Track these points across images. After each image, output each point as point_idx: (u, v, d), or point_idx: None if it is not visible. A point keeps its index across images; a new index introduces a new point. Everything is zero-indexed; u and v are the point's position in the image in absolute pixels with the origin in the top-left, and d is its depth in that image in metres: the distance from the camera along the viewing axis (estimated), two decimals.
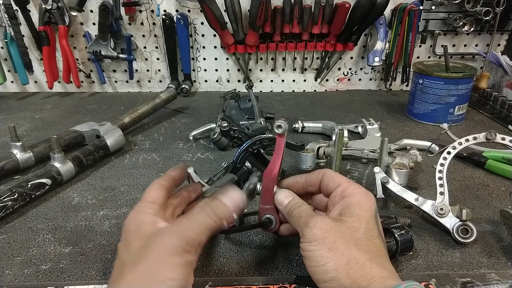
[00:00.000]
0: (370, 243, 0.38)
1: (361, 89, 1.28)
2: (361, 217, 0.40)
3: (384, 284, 0.34)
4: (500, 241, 0.54)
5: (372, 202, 0.42)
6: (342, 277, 0.35)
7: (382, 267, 0.36)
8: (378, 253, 0.38)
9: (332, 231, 0.38)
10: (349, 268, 0.36)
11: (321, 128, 0.91)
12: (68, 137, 0.79)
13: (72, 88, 1.24)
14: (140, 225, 0.39)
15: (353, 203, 0.41)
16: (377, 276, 0.35)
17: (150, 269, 0.34)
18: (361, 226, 0.39)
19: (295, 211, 0.43)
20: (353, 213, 0.40)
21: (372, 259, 0.36)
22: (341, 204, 0.42)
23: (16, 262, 0.50)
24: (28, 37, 1.15)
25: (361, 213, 0.40)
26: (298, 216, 0.42)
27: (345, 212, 0.41)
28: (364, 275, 0.35)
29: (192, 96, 1.22)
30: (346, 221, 0.39)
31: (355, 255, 0.36)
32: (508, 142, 0.52)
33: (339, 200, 0.43)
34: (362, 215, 0.40)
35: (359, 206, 0.41)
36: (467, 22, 1.13)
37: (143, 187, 0.68)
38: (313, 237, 0.38)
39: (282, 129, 0.46)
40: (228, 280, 0.46)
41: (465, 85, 0.93)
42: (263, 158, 0.69)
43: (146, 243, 0.36)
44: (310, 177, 0.48)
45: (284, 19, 1.11)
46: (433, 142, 0.80)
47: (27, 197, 0.61)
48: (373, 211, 0.41)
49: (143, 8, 1.14)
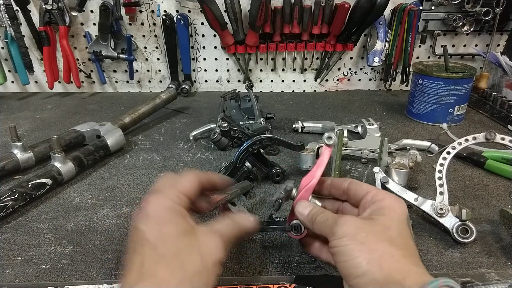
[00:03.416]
0: (404, 241, 0.37)
1: (361, 89, 1.28)
2: (393, 217, 0.39)
3: (420, 279, 0.32)
4: (500, 241, 0.54)
5: (404, 206, 0.41)
6: (376, 270, 0.34)
7: (417, 265, 0.35)
8: (413, 252, 0.37)
9: (363, 227, 0.37)
10: (383, 261, 0.34)
11: (321, 128, 0.91)
12: (68, 137, 0.79)
13: (72, 88, 1.24)
14: (172, 215, 0.37)
15: (385, 206, 0.40)
16: (412, 271, 0.34)
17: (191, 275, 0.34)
18: (393, 225, 0.38)
19: (319, 216, 0.42)
20: (384, 213, 0.39)
21: (407, 256, 0.35)
22: (371, 207, 0.41)
23: (17, 262, 0.50)
24: (28, 37, 1.15)
25: (393, 214, 0.39)
26: (324, 219, 0.41)
27: (376, 213, 0.40)
28: (399, 269, 0.34)
29: (192, 96, 1.22)
30: (377, 219, 0.38)
31: (389, 250, 0.35)
32: (507, 142, 0.52)
33: (369, 205, 0.42)
34: (394, 216, 0.39)
35: (391, 208, 0.40)
36: (467, 22, 1.13)
37: (144, 187, 0.68)
38: (344, 233, 0.37)
39: (332, 140, 0.46)
40: (228, 280, 0.46)
41: (465, 85, 0.93)
42: (263, 158, 0.69)
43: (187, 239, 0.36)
44: (336, 180, 0.47)
45: (284, 19, 1.11)
46: (432, 142, 0.80)
47: (27, 197, 0.61)
48: (404, 215, 0.40)
49: (143, 8, 1.15)
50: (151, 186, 0.69)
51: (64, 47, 1.11)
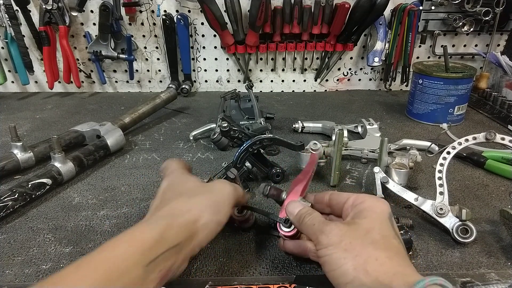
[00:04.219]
0: (388, 242, 0.38)
1: (361, 89, 1.28)
2: (374, 219, 0.40)
3: (407, 280, 0.33)
4: (500, 241, 0.54)
5: (385, 204, 0.42)
6: (363, 276, 0.35)
7: (403, 265, 0.36)
8: (398, 252, 0.37)
9: (347, 234, 0.38)
10: (368, 266, 0.35)
11: (321, 128, 0.91)
12: (68, 137, 0.79)
13: (72, 88, 1.24)
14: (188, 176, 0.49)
15: (365, 207, 0.41)
16: (399, 273, 0.34)
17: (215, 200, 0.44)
18: (375, 226, 0.39)
19: (306, 218, 0.43)
20: (366, 216, 0.40)
21: (392, 258, 0.36)
22: (353, 211, 0.42)
23: (17, 262, 0.50)
24: (28, 37, 1.15)
25: (374, 215, 0.40)
26: (311, 223, 0.42)
27: (358, 216, 0.41)
28: (386, 272, 0.34)
29: (192, 96, 1.22)
30: (359, 223, 0.39)
31: (373, 253, 0.36)
32: (507, 142, 0.52)
33: (351, 209, 0.43)
34: (375, 217, 0.40)
35: (371, 209, 0.41)
36: (467, 22, 1.13)
37: (144, 187, 0.68)
38: (329, 242, 0.38)
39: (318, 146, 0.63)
40: (228, 280, 0.46)
41: (465, 85, 0.93)
42: (263, 158, 0.69)
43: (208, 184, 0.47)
44: (318, 195, 0.49)
45: (284, 19, 1.11)
46: (432, 142, 0.80)
47: (27, 197, 0.61)
48: (386, 214, 0.41)
49: (143, 8, 1.14)
50: (151, 186, 0.69)
51: (64, 47, 1.11)
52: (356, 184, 0.69)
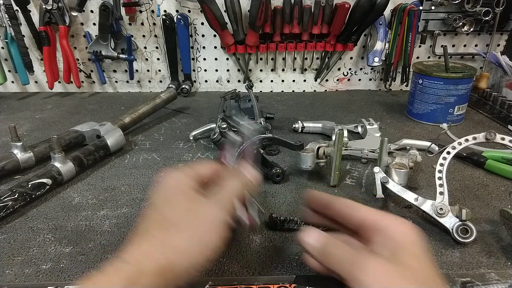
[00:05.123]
0: (434, 280, 0.34)
1: (361, 89, 1.28)
2: (414, 253, 0.35)
3: None
4: (500, 241, 0.54)
5: (413, 228, 0.37)
6: None
7: None
8: None
9: (392, 276, 0.33)
10: None
11: (321, 128, 0.91)
12: (68, 137, 0.79)
13: (72, 88, 1.24)
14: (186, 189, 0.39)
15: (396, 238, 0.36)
16: None
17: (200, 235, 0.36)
18: (419, 264, 0.34)
19: (333, 250, 0.37)
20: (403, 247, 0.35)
21: None
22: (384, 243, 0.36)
23: (17, 262, 0.50)
24: (28, 37, 1.15)
25: (412, 248, 0.35)
26: (340, 255, 0.37)
27: (394, 250, 0.35)
28: None
29: (192, 96, 1.22)
30: (402, 262, 0.34)
31: None
32: (507, 142, 0.52)
33: (373, 233, 0.37)
34: (414, 250, 0.35)
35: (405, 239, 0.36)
36: (467, 22, 1.13)
37: (144, 187, 0.68)
38: (371, 282, 0.33)
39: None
40: (228, 280, 0.46)
41: (465, 85, 0.93)
42: (263, 158, 0.69)
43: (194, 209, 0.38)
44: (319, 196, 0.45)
45: (284, 19, 1.11)
46: (432, 142, 0.80)
47: (27, 197, 0.61)
48: (419, 241, 0.36)
49: (143, 8, 1.14)
50: (151, 186, 0.69)
51: (64, 47, 1.11)
52: (356, 184, 0.69)
